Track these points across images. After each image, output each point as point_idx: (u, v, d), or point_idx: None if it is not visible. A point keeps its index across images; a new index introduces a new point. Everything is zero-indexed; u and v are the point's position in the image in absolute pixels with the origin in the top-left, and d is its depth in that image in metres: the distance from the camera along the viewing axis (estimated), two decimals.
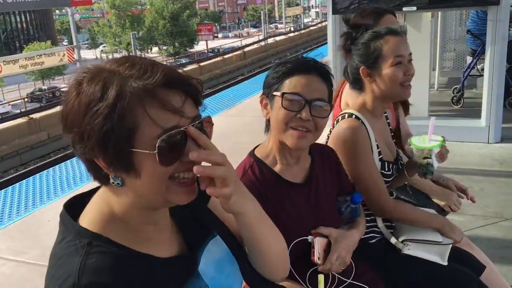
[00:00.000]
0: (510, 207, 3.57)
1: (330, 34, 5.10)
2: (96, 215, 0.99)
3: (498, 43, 4.68)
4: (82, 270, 0.89)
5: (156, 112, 0.89)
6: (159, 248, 1.03)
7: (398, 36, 1.91)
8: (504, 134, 5.00)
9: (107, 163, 0.91)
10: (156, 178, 0.92)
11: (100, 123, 0.87)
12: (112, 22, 47.38)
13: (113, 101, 0.87)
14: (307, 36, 53.77)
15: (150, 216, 1.01)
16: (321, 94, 1.57)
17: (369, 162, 1.90)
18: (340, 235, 1.66)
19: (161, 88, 0.90)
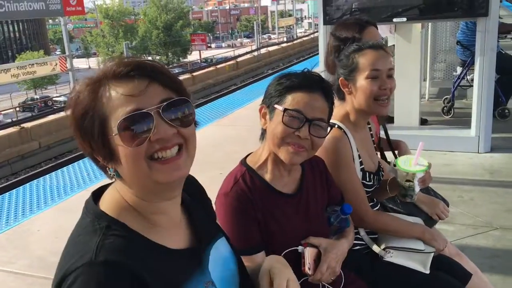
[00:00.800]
0: (499, 217, 3.58)
1: (321, 45, 5.12)
2: (112, 202, 1.07)
3: (487, 54, 4.73)
4: (100, 249, 0.96)
5: (117, 99, 0.99)
6: (170, 239, 1.09)
7: (377, 50, 1.93)
8: (494, 144, 5.04)
9: (98, 156, 1.04)
10: (131, 159, 0.99)
11: (79, 122, 1.01)
12: (106, 32, 47.44)
13: (87, 102, 1.01)
14: (300, 46, 54.08)
15: (156, 206, 1.07)
16: (322, 113, 1.58)
17: (350, 172, 1.92)
18: (330, 245, 1.66)
19: (120, 78, 1.01)
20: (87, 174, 5.58)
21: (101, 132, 1.00)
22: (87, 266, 0.93)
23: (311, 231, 1.66)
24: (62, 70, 24.30)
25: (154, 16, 47.71)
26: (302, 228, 1.66)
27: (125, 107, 0.98)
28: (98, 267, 0.93)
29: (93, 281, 0.92)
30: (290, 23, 77.75)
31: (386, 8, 4.85)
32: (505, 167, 4.57)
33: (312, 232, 1.66)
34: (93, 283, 0.92)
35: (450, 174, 4.39)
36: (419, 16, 4.97)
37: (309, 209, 1.69)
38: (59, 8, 24.22)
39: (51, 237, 3.83)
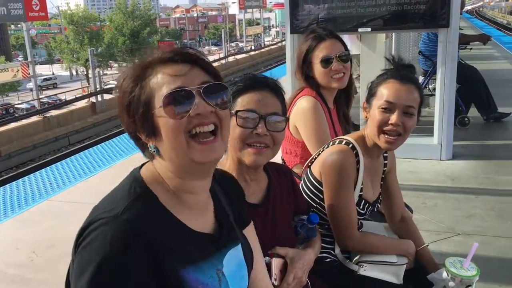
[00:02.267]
0: (461, 223, 3.67)
1: (288, 53, 5.17)
2: (149, 173, 1.17)
3: (448, 64, 4.87)
4: (128, 209, 1.06)
5: (163, 79, 1.12)
6: (194, 220, 1.17)
7: (403, 84, 1.86)
8: (455, 151, 5.18)
9: (141, 133, 1.13)
10: (172, 133, 1.09)
11: (127, 98, 1.12)
12: (70, 38, 46.46)
13: (134, 79, 1.13)
14: (268, 54, 54.47)
15: (186, 184, 1.16)
16: (275, 108, 1.58)
17: (349, 193, 1.90)
18: (296, 255, 1.65)
19: (165, 62, 1.14)
20: (49, 183, 5.42)
21: (146, 107, 1.10)
22: (111, 218, 1.04)
23: (278, 241, 1.65)
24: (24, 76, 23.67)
25: (120, 23, 47.09)
26: (269, 238, 1.64)
27: (170, 85, 1.10)
28: (120, 222, 1.04)
29: (111, 232, 1.02)
30: (258, 31, 78.22)
31: (352, 18, 4.94)
32: (465, 174, 4.71)
33: (278, 242, 1.65)
34: (110, 234, 1.02)
35: (414, 181, 4.48)
36: (383, 27, 5.08)
37: (276, 219, 1.68)
38: (21, 13, 23.66)
39: (11, 249, 3.69)
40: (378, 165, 2.06)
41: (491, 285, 2.85)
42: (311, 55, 2.55)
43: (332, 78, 2.51)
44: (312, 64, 2.55)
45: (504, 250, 3.26)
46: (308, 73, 2.58)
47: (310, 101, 2.53)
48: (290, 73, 5.08)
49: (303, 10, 5.04)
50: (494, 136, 6.00)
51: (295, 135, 2.59)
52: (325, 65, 2.50)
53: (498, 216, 3.77)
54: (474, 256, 1.74)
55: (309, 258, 1.69)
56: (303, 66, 2.58)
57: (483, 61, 11.06)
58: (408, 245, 1.99)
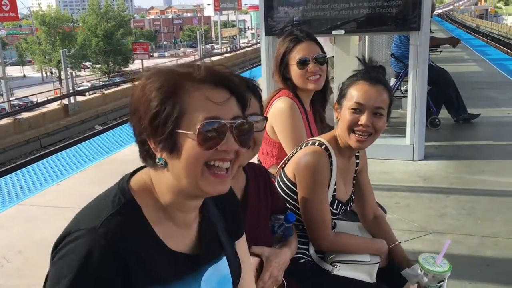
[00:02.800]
0: (433, 222, 3.75)
1: (263, 55, 5.19)
2: (140, 183, 1.13)
3: (420, 66, 4.97)
4: (107, 221, 1.04)
5: (201, 101, 1.05)
6: (176, 238, 1.14)
7: (372, 85, 1.89)
8: (427, 152, 5.28)
9: (155, 143, 1.07)
10: (193, 159, 1.05)
11: (154, 106, 1.04)
12: (42, 39, 45.59)
13: (167, 90, 1.05)
14: (243, 56, 54.54)
15: (181, 203, 1.13)
16: (253, 109, 1.58)
17: (322, 194, 1.91)
18: (272, 254, 1.66)
19: (207, 83, 1.07)
20: (20, 187, 5.31)
21: (175, 122, 1.04)
22: (89, 230, 1.02)
23: (255, 240, 1.65)
24: None
25: (93, 24, 46.40)
26: (246, 238, 1.64)
27: (208, 112, 1.05)
28: (97, 236, 1.01)
29: (88, 245, 1.00)
30: (233, 33, 78.29)
31: (326, 21, 4.99)
32: (437, 174, 4.81)
33: (256, 242, 1.65)
34: (87, 248, 1.00)
35: (388, 182, 4.55)
36: (356, 29, 5.15)
37: (253, 219, 1.68)
38: None
39: None
40: (350, 165, 2.09)
41: (462, 282, 2.92)
42: (288, 57, 2.57)
43: (308, 79, 2.54)
44: (289, 65, 2.57)
45: (475, 248, 3.34)
46: (285, 74, 2.60)
47: (287, 102, 2.54)
48: (266, 75, 5.11)
49: (278, 12, 5.07)
50: (464, 136, 6.15)
51: (272, 136, 2.60)
52: (301, 66, 2.52)
53: (469, 215, 3.86)
54: (446, 253, 1.79)
55: (285, 257, 1.70)
56: (280, 67, 2.60)
57: (453, 63, 11.33)
58: (381, 245, 2.02)
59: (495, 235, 3.50)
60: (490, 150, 5.55)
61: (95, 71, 48.98)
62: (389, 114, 1.95)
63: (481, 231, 3.56)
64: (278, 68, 2.62)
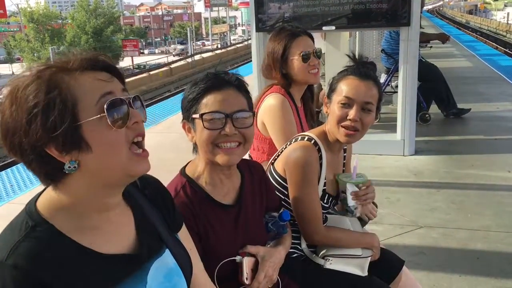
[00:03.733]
0: (424, 216, 3.78)
1: (254, 51, 5.19)
2: (47, 201, 1.05)
3: (410, 62, 5.00)
4: (13, 250, 0.96)
5: (90, 84, 1.00)
6: (106, 242, 1.08)
7: (362, 80, 1.91)
8: (418, 147, 5.33)
9: (58, 149, 0.97)
10: (110, 145, 1.00)
11: (41, 111, 0.95)
12: (31, 36, 45.13)
13: (46, 89, 0.96)
14: (234, 53, 54.39)
15: (101, 201, 1.07)
16: (240, 105, 1.55)
17: (313, 188, 1.92)
18: (267, 254, 1.66)
19: (86, 70, 1.02)
20: (10, 185, 5.27)
21: (72, 115, 0.98)
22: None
23: (250, 239, 1.66)
24: None
25: (82, 21, 45.99)
26: (241, 237, 1.64)
27: (100, 90, 1.02)
28: (5, 268, 0.95)
29: (0, 281, 0.94)
30: (223, 30, 78.09)
31: (317, 17, 5.01)
32: (428, 169, 4.85)
33: (250, 240, 1.65)
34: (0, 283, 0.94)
35: (378, 177, 4.58)
36: (347, 25, 5.17)
37: (248, 218, 1.68)
38: None
39: None
40: (339, 160, 2.11)
41: (453, 275, 2.95)
42: (288, 52, 2.57)
43: (309, 73, 2.56)
44: (288, 60, 2.58)
45: (465, 242, 3.38)
46: (282, 70, 2.60)
47: (278, 98, 2.55)
48: (257, 72, 5.11)
49: (268, 8, 5.07)
50: (454, 131, 6.20)
51: (263, 132, 2.60)
52: (305, 60, 2.54)
53: (459, 209, 3.90)
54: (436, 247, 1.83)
55: (280, 256, 1.70)
56: (280, 62, 2.59)
57: (443, 59, 11.40)
58: (372, 238, 2.04)
59: (485, 229, 3.54)
60: (480, 144, 5.60)
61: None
62: (378, 110, 1.97)
63: (471, 225, 3.60)
64: (274, 64, 2.62)
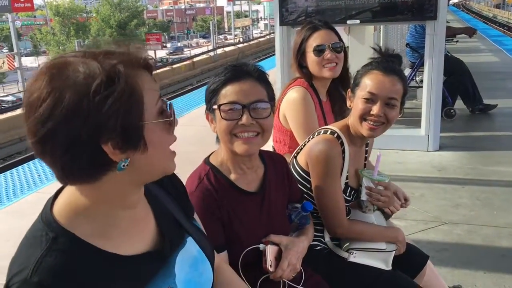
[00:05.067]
0: (448, 212, 3.75)
1: (278, 45, 5.19)
2: (66, 206, 1.00)
3: (436, 56, 4.93)
4: (38, 267, 0.91)
5: (150, 85, 0.99)
6: (128, 243, 1.05)
7: (386, 75, 1.89)
8: (442, 143, 5.26)
9: (115, 146, 0.92)
10: (161, 147, 1.02)
11: (108, 107, 0.89)
12: (56, 30, 45.94)
13: (115, 84, 0.91)
14: (256, 47, 54.32)
15: (132, 198, 1.05)
16: (258, 96, 1.56)
17: (336, 181, 1.93)
18: (290, 243, 1.68)
19: (141, 67, 1.00)
20: (37, 175, 5.40)
21: (135, 118, 0.95)
22: (22, 283, 0.91)
23: (273, 229, 1.68)
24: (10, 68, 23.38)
25: (107, 15, 46.63)
26: (264, 226, 1.67)
27: (156, 92, 1.02)
28: (31, 287, 0.90)
29: None
30: (246, 23, 77.96)
31: (341, 11, 4.97)
32: (452, 165, 4.78)
33: (273, 230, 1.67)
34: None
35: (402, 172, 4.55)
36: (371, 19, 5.12)
37: (271, 207, 1.70)
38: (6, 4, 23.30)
39: (1, 241, 3.68)
40: (361, 154, 2.11)
41: (477, 272, 2.92)
42: (305, 45, 2.57)
43: (324, 67, 2.54)
44: (305, 53, 2.58)
45: (490, 239, 3.34)
46: (301, 62, 2.61)
47: (300, 92, 2.55)
48: (280, 65, 5.11)
49: (292, 2, 5.05)
50: (480, 127, 6.10)
51: (284, 124, 2.61)
52: (317, 53, 2.53)
53: (484, 206, 3.84)
54: (460, 244, 1.82)
55: (303, 246, 1.72)
56: (297, 55, 2.60)
57: (469, 53, 11.19)
58: (396, 232, 2.03)
59: (511, 226, 3.48)
60: (506, 141, 5.49)
61: None
62: (402, 104, 1.95)
63: (497, 222, 3.55)
64: (294, 57, 2.63)
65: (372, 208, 2.04)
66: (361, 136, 1.97)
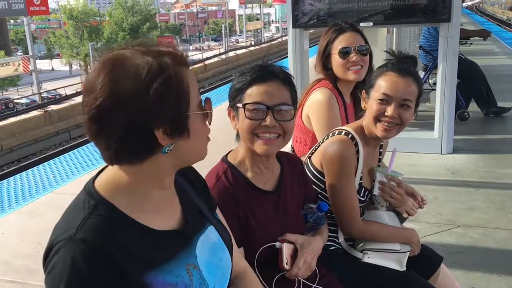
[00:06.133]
0: (462, 215, 3.72)
1: (290, 47, 5.19)
2: (108, 182, 1.13)
3: (449, 59, 4.90)
4: (81, 227, 1.04)
5: (193, 80, 1.12)
6: (158, 219, 1.16)
7: (401, 77, 1.89)
8: (456, 146, 5.22)
9: (165, 131, 1.05)
10: (201, 136, 1.15)
11: (168, 96, 1.04)
12: (70, 33, 46.39)
13: (169, 77, 1.04)
14: (268, 50, 54.34)
15: (164, 180, 1.17)
16: (282, 98, 1.58)
17: (350, 183, 1.94)
18: (306, 242, 1.69)
19: (184, 65, 1.12)
20: (53, 176, 5.47)
21: (184, 108, 1.08)
22: (67, 240, 1.03)
23: (288, 228, 1.69)
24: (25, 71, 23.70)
25: (120, 18, 47.03)
26: (280, 225, 1.68)
27: (197, 86, 1.15)
28: (76, 243, 1.02)
29: (70, 254, 1.02)
30: (258, 26, 78.07)
31: (353, 13, 4.97)
32: (466, 168, 4.75)
33: (289, 229, 1.69)
34: (70, 256, 1.01)
35: (415, 175, 4.52)
36: (384, 21, 5.11)
37: (287, 207, 1.72)
38: (22, 8, 23.64)
39: (16, 240, 3.74)
40: (375, 155, 2.12)
41: (491, 276, 2.90)
42: (330, 47, 2.58)
43: (349, 70, 2.54)
44: (331, 55, 2.59)
45: (504, 242, 3.31)
46: (326, 64, 2.61)
47: (325, 93, 2.56)
48: (293, 67, 5.12)
49: (304, 4, 5.06)
50: (494, 130, 6.05)
51: (307, 124, 2.63)
52: (343, 56, 2.53)
53: (499, 209, 3.81)
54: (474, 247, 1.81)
55: (318, 245, 1.73)
56: (322, 57, 2.61)
57: (483, 56, 11.09)
58: (410, 234, 2.03)
59: None
60: None
61: None
62: (417, 106, 1.96)
63: (511, 225, 3.52)
64: (319, 59, 2.64)
65: (385, 204, 2.05)
66: (376, 137, 1.98)
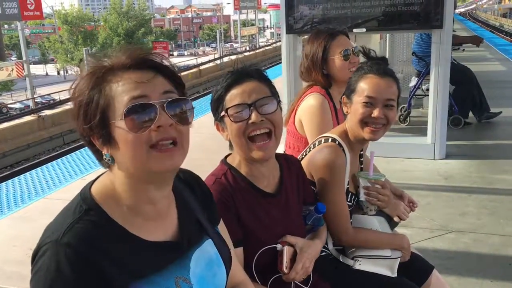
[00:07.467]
0: (454, 220, 3.73)
1: (284, 53, 5.21)
2: (102, 187, 1.14)
3: (442, 65, 4.93)
4: (68, 231, 1.04)
5: (123, 85, 1.08)
6: (151, 230, 1.15)
7: (381, 77, 1.91)
8: (449, 151, 5.24)
9: (97, 140, 1.09)
10: (131, 145, 1.06)
11: (87, 104, 1.08)
12: (64, 38, 46.33)
13: (92, 86, 1.08)
14: (262, 55, 54.47)
15: (144, 195, 1.13)
16: (261, 93, 1.58)
17: (341, 190, 1.94)
18: (305, 245, 1.69)
19: (130, 69, 1.09)
20: (45, 181, 5.43)
21: (104, 115, 1.07)
22: (53, 243, 1.03)
23: (289, 230, 1.69)
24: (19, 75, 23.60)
25: (115, 23, 46.99)
26: (281, 227, 1.68)
27: (131, 92, 1.07)
28: (61, 247, 1.02)
29: (55, 258, 1.02)
30: (252, 32, 78.24)
31: (347, 19, 5.00)
32: (458, 173, 4.77)
33: (290, 231, 1.69)
34: (54, 260, 1.01)
35: (408, 180, 4.54)
36: (377, 27, 5.14)
37: (288, 208, 1.72)
38: (16, 12, 23.57)
39: (7, 246, 3.71)
40: (357, 160, 2.12)
41: (484, 281, 2.91)
42: (328, 52, 2.60)
43: (350, 71, 2.57)
44: (328, 60, 2.61)
45: (497, 247, 3.32)
46: (323, 71, 2.63)
47: (318, 99, 2.58)
48: (286, 73, 5.14)
49: (298, 11, 5.09)
50: (487, 136, 6.09)
51: (300, 130, 2.64)
52: (345, 58, 2.58)
53: (491, 214, 3.83)
54: (467, 252, 1.81)
55: (317, 249, 1.73)
56: (321, 63, 2.62)
57: (476, 62, 11.17)
58: (401, 240, 2.03)
59: None
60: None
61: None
62: (398, 105, 1.99)
63: (504, 230, 3.54)
64: (315, 65, 2.64)
65: (373, 208, 2.05)
66: (361, 140, 1.99)
